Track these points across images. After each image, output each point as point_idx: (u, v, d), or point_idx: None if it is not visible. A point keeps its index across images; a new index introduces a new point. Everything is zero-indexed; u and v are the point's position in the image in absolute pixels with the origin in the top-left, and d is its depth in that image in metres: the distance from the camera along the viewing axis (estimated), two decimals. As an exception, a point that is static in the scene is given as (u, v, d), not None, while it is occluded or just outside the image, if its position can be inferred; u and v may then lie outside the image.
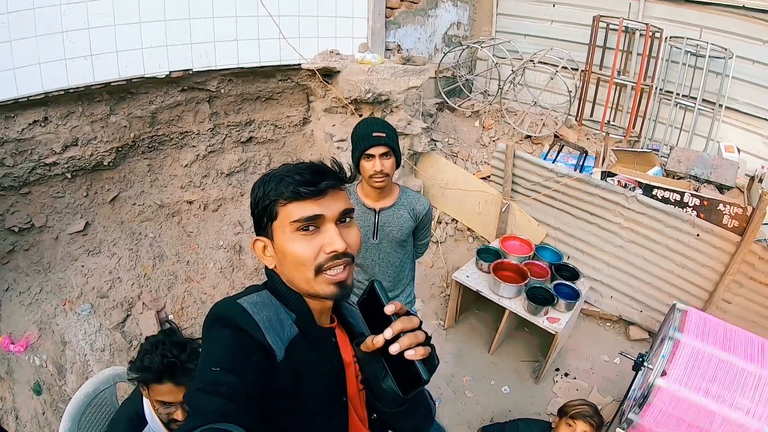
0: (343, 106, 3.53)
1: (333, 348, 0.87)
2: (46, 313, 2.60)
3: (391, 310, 0.70)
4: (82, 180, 2.86)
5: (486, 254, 3.17)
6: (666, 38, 4.19)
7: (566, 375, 3.04)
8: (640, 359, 2.05)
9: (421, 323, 0.71)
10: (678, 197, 3.09)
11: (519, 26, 4.95)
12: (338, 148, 3.52)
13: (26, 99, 2.43)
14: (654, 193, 3.16)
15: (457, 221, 3.90)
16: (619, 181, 3.34)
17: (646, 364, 2.01)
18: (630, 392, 2.10)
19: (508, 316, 2.92)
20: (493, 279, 2.90)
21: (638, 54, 4.37)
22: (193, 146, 3.27)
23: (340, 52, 3.54)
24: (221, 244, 3.27)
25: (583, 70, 4.61)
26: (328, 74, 3.46)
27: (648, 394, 1.85)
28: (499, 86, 4.61)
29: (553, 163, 3.62)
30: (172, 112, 3.08)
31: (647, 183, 3.29)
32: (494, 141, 4.44)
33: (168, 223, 3.19)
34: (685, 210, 3.00)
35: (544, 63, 4.48)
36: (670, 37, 4.18)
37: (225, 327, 0.76)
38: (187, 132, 3.20)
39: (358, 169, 1.75)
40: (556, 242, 3.47)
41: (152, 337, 1.42)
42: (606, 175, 3.48)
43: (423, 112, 3.96)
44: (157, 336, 1.43)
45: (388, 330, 0.68)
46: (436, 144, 4.12)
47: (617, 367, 3.08)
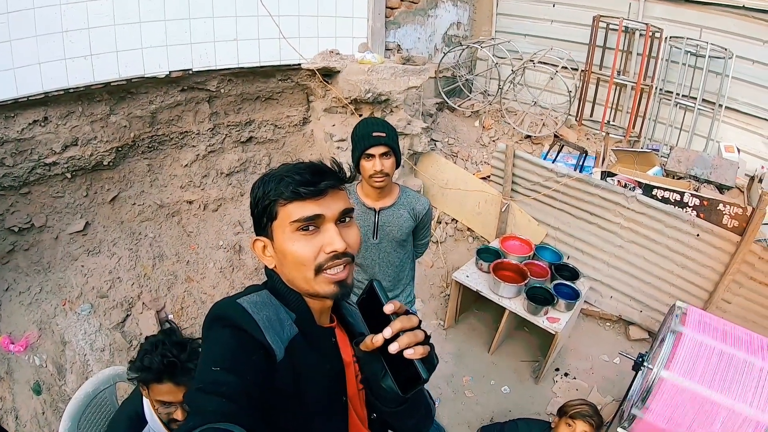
0: (343, 106, 3.53)
1: (333, 348, 0.87)
2: (45, 313, 2.60)
3: (390, 309, 0.70)
4: (82, 180, 2.86)
5: (486, 254, 3.17)
6: (666, 38, 4.19)
7: (566, 375, 3.04)
8: (640, 359, 2.04)
9: (420, 322, 0.71)
10: (678, 197, 3.09)
11: (519, 26, 4.95)
12: (338, 148, 3.52)
13: (26, 99, 2.43)
14: (654, 193, 3.16)
15: (457, 221, 3.90)
16: (619, 181, 3.34)
17: (646, 364, 2.01)
18: (630, 392, 2.10)
19: (508, 316, 2.92)
20: (493, 279, 2.90)
21: (638, 54, 4.37)
22: (193, 146, 3.27)
23: (340, 52, 3.54)
24: (221, 244, 3.27)
25: (583, 70, 4.61)
26: (328, 74, 3.46)
27: (651, 387, 1.85)
28: (499, 86, 4.61)
29: (553, 163, 3.62)
30: (172, 112, 3.08)
31: (647, 183, 3.29)
32: (494, 141, 4.44)
33: (168, 223, 3.19)
34: (685, 210, 3.00)
35: (544, 63, 4.48)
36: (670, 37, 4.18)
37: (225, 327, 0.76)
38: (187, 132, 3.20)
39: (358, 168, 1.76)
40: (556, 242, 3.47)
41: (152, 337, 1.43)
42: (606, 175, 3.48)
43: (423, 112, 3.96)
44: (157, 336, 1.43)
45: (387, 329, 0.68)
46: (436, 144, 4.12)
47: (617, 367, 3.08)
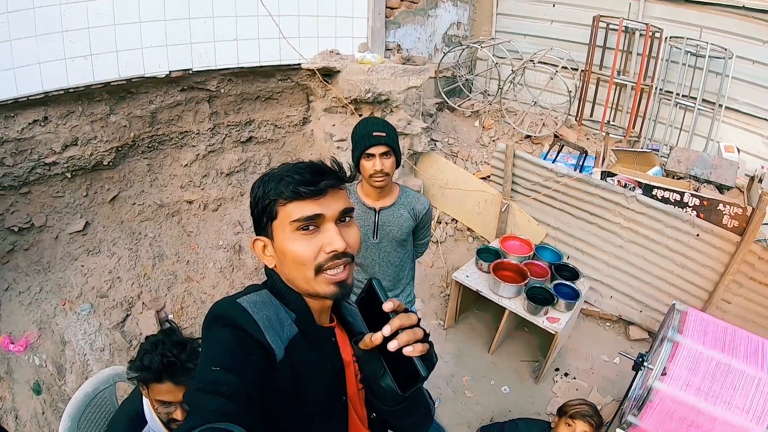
0: (343, 106, 3.52)
1: (333, 347, 0.87)
2: (45, 312, 2.60)
3: (390, 307, 0.69)
4: (82, 180, 2.86)
5: (486, 254, 3.17)
6: (666, 38, 4.19)
7: (566, 375, 3.03)
8: (640, 359, 2.05)
9: (419, 320, 0.71)
10: (678, 197, 3.09)
11: (519, 26, 4.95)
12: (338, 147, 3.52)
13: (26, 99, 2.43)
14: (654, 193, 3.16)
15: (457, 221, 3.90)
16: (619, 181, 3.34)
17: (645, 364, 2.01)
18: (630, 392, 2.11)
19: (508, 316, 2.92)
20: (492, 279, 2.90)
21: (638, 54, 4.37)
22: (193, 146, 3.27)
23: (340, 51, 3.54)
24: (221, 243, 3.27)
25: (583, 70, 4.61)
26: (328, 74, 3.46)
27: (647, 396, 1.85)
28: (499, 86, 4.61)
29: (553, 163, 3.62)
30: (171, 111, 3.08)
31: (647, 183, 3.29)
32: (494, 141, 4.44)
33: (168, 223, 3.19)
34: (685, 210, 3.00)
35: (544, 63, 4.48)
36: (670, 37, 4.18)
37: (225, 326, 0.76)
38: (187, 132, 3.20)
39: (358, 168, 1.76)
40: (556, 242, 3.47)
41: (152, 337, 1.43)
42: (606, 175, 3.48)
43: (423, 111, 3.96)
44: (157, 335, 1.43)
45: (386, 327, 0.68)
46: (436, 144, 4.12)
47: (617, 367, 3.08)
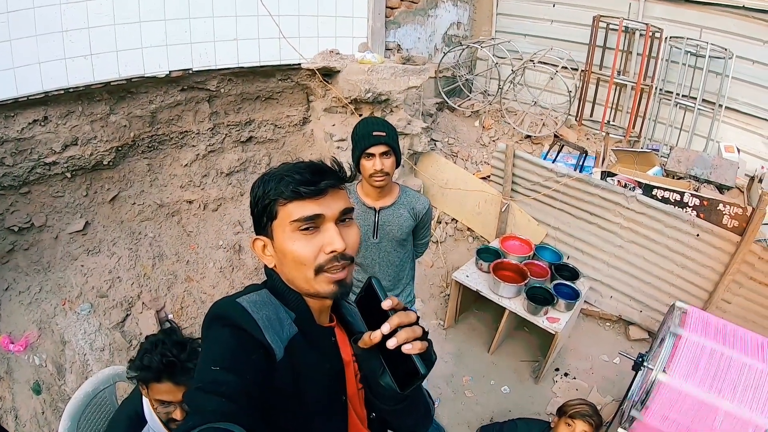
0: (343, 106, 3.52)
1: (332, 347, 0.87)
2: (45, 312, 2.60)
3: (388, 305, 0.69)
4: (82, 179, 2.86)
5: (486, 254, 3.17)
6: (666, 38, 4.19)
7: (566, 375, 3.03)
8: (640, 359, 2.05)
9: (418, 318, 0.71)
10: (678, 197, 3.08)
11: (519, 26, 4.95)
12: (338, 147, 3.52)
13: (26, 98, 2.43)
14: (654, 193, 3.16)
15: (457, 221, 3.89)
16: (619, 181, 3.34)
17: (645, 364, 2.01)
18: (630, 392, 2.11)
19: (508, 315, 2.92)
20: (492, 279, 2.90)
21: (638, 54, 4.37)
22: (193, 146, 3.27)
23: (340, 51, 3.54)
24: (221, 243, 3.27)
25: (583, 70, 4.61)
26: (328, 74, 3.45)
27: (650, 390, 1.85)
28: (499, 86, 4.61)
29: (553, 163, 3.62)
30: (171, 111, 3.08)
31: (647, 183, 3.29)
32: (494, 141, 4.44)
33: (168, 223, 3.19)
34: (685, 210, 3.00)
35: (544, 63, 4.48)
36: (670, 37, 4.18)
37: (224, 326, 0.76)
38: (186, 131, 3.20)
39: (358, 168, 1.76)
40: (556, 242, 3.47)
41: (152, 336, 1.42)
42: (606, 175, 3.48)
43: (423, 111, 3.96)
44: (157, 335, 1.43)
45: (385, 325, 0.68)
46: (435, 144, 4.12)
47: (617, 367, 3.08)
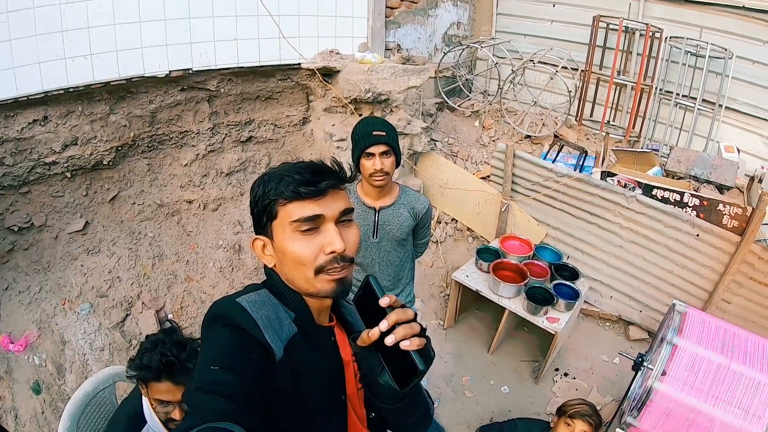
0: (343, 106, 3.52)
1: (332, 347, 0.87)
2: (45, 312, 2.60)
3: (386, 302, 0.70)
4: (82, 179, 2.86)
5: (486, 254, 3.17)
6: (666, 38, 4.19)
7: (566, 375, 3.03)
8: (640, 359, 2.05)
9: (416, 315, 0.71)
10: (678, 197, 3.08)
11: (519, 26, 4.95)
12: (338, 147, 3.52)
13: (26, 98, 2.43)
14: (654, 193, 3.16)
15: (457, 221, 3.89)
16: (618, 181, 3.34)
17: (645, 364, 2.01)
18: (629, 392, 2.11)
19: (508, 315, 2.92)
20: (492, 279, 2.90)
21: (638, 54, 4.37)
22: (193, 146, 3.27)
23: (339, 51, 3.54)
24: (221, 243, 3.27)
25: (583, 70, 4.61)
26: (327, 74, 3.45)
27: (646, 398, 1.85)
28: (499, 86, 4.61)
29: (553, 163, 3.62)
30: (171, 111, 3.08)
31: (647, 183, 3.29)
32: (494, 141, 4.44)
33: (167, 223, 3.19)
34: (684, 210, 3.00)
35: (544, 63, 4.48)
36: (670, 37, 4.18)
37: (224, 326, 0.76)
38: (186, 131, 3.20)
39: (358, 168, 1.76)
40: (555, 242, 3.47)
41: (152, 336, 1.42)
42: (606, 175, 3.48)
43: (423, 111, 3.96)
44: (157, 335, 1.43)
45: (383, 322, 0.68)
46: (435, 144, 4.12)
47: (617, 367, 3.08)
